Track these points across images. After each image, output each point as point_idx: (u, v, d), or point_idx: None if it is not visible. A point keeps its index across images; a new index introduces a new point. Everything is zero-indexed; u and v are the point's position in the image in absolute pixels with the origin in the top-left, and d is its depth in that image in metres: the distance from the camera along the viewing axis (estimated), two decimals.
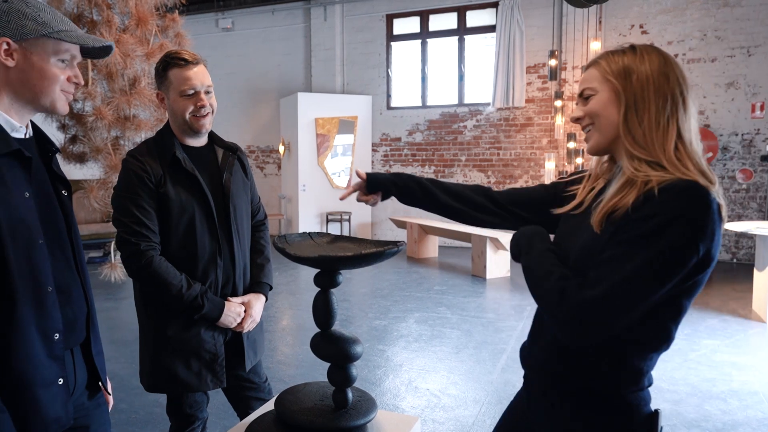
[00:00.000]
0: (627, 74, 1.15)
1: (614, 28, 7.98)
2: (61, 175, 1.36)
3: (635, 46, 1.19)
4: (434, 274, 7.09)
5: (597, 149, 1.22)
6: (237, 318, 1.91)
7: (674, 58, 1.17)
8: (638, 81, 1.14)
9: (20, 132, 1.27)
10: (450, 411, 3.22)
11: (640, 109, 1.13)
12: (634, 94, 1.14)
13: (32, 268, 1.20)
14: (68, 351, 1.34)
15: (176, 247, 1.84)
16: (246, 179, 2.08)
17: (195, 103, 1.85)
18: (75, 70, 1.29)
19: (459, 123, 8.99)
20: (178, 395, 1.94)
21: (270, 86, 10.17)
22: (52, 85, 1.24)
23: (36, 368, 1.21)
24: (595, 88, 1.19)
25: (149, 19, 5.63)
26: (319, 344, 1.29)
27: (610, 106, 1.16)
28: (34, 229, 1.22)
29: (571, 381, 1.18)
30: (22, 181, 1.22)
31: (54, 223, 1.30)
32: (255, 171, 10.48)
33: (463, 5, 8.83)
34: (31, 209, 1.22)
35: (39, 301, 1.21)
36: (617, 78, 1.16)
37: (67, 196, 1.37)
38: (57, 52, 1.23)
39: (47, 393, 1.23)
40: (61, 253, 1.31)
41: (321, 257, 1.17)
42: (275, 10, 9.86)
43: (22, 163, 1.23)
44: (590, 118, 1.21)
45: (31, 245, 1.20)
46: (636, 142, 1.13)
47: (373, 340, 4.49)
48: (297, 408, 1.29)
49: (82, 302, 1.37)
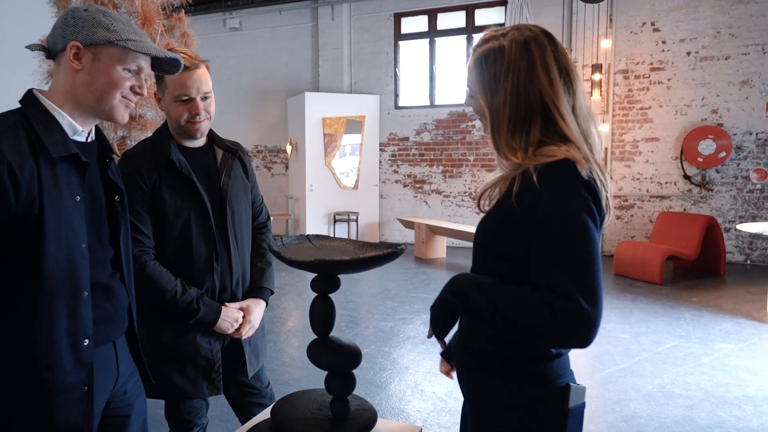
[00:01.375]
0: (492, 92, 1.25)
1: (625, 26, 7.87)
2: (115, 181, 1.39)
3: (505, 33, 1.22)
4: (442, 274, 7.03)
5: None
6: (234, 324, 1.86)
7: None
8: (493, 81, 1.23)
9: (81, 135, 1.31)
10: (456, 415, 3.16)
11: (495, 114, 1.25)
12: (490, 96, 1.25)
13: (72, 272, 1.23)
14: (110, 344, 1.39)
15: (171, 251, 1.80)
16: (247, 181, 2.03)
17: (190, 110, 1.79)
18: (140, 80, 1.31)
19: (467, 122, 8.91)
20: (176, 401, 1.90)
21: (277, 86, 10.15)
22: (113, 90, 1.27)
23: (57, 372, 1.22)
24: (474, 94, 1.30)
25: (155, 19, 5.61)
26: (316, 352, 1.24)
27: (485, 113, 1.29)
28: (80, 233, 1.25)
29: (481, 354, 1.22)
30: (75, 185, 1.25)
31: (98, 228, 1.34)
32: (262, 171, 10.47)
33: (471, 4, 8.76)
34: (81, 213, 1.26)
35: (73, 305, 1.23)
36: (479, 79, 1.27)
37: (119, 202, 1.40)
38: (123, 60, 1.26)
39: (63, 399, 1.23)
40: (102, 255, 1.35)
41: (318, 261, 1.12)
42: (283, 9, 9.83)
43: (78, 168, 1.26)
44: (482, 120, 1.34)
45: (74, 249, 1.23)
46: (500, 150, 1.25)
47: (380, 342, 4.43)
48: (293, 417, 1.24)
49: (123, 296, 1.42)
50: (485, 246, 1.24)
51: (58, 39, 1.26)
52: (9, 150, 1.15)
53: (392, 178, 9.49)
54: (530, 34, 1.18)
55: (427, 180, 9.25)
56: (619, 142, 8.04)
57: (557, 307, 1.02)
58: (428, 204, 9.26)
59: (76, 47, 1.23)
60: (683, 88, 7.66)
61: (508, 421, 1.17)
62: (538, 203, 1.10)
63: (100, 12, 1.25)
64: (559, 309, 1.02)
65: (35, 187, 1.17)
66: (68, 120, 1.27)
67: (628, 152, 8.02)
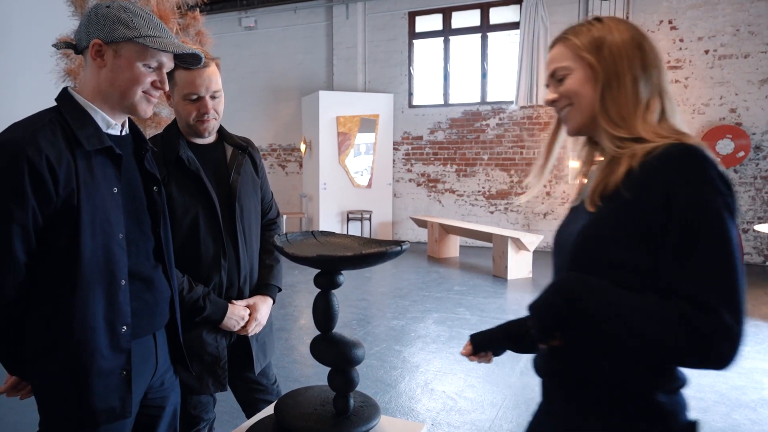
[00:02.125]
0: (599, 48, 1.08)
1: (642, 24, 7.78)
2: (152, 173, 1.44)
3: (601, 18, 1.12)
4: (454, 274, 7.00)
5: (578, 130, 1.15)
6: (240, 321, 1.86)
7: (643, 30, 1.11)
8: (610, 54, 1.07)
9: (115, 129, 1.35)
10: (466, 414, 3.15)
11: (615, 84, 1.07)
12: (607, 68, 1.07)
13: (108, 261, 1.27)
14: (150, 336, 1.42)
15: (179, 248, 1.81)
16: (256, 177, 2.03)
17: (198, 108, 1.80)
18: (162, 75, 1.33)
19: (481, 121, 8.87)
20: (182, 396, 1.91)
21: (292, 84, 10.19)
22: (134, 86, 1.29)
23: (94, 357, 1.25)
24: (568, 66, 1.12)
25: (170, 18, 5.65)
26: (318, 347, 1.24)
27: (587, 84, 1.09)
28: (116, 223, 1.29)
29: (595, 385, 1.06)
30: (112, 177, 1.29)
31: (138, 218, 1.38)
32: (277, 169, 10.52)
33: (486, 2, 8.72)
34: (118, 204, 1.30)
35: (111, 294, 1.27)
36: (590, 52, 1.09)
37: (158, 192, 1.45)
38: (143, 57, 1.28)
39: (102, 383, 1.27)
40: (143, 245, 1.38)
41: (320, 257, 1.12)
42: (297, 8, 9.87)
43: (113, 160, 1.30)
44: (567, 98, 1.13)
45: (111, 239, 1.27)
46: (612, 120, 1.06)
47: (391, 341, 4.43)
48: (296, 413, 1.24)
49: (165, 288, 1.45)
50: (592, 252, 1.04)
51: (83, 36, 1.29)
52: (47, 146, 1.20)
53: (406, 177, 9.48)
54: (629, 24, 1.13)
55: (441, 179, 9.22)
56: None
57: (695, 320, 0.90)
58: (442, 203, 9.24)
59: (98, 45, 1.27)
60: (701, 87, 7.55)
61: None
62: (668, 197, 0.95)
63: (121, 8, 1.28)
64: (698, 323, 0.90)
65: (73, 179, 1.22)
66: (101, 114, 1.31)
67: None
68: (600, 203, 1.04)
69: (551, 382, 1.16)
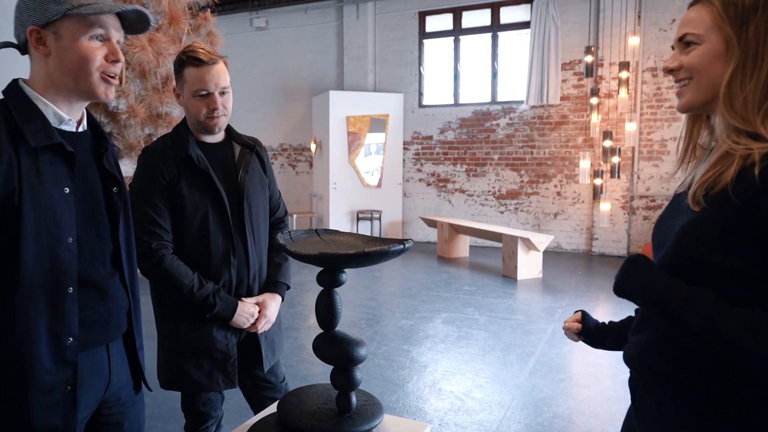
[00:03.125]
0: (745, 23, 0.93)
1: (654, 23, 7.72)
2: (112, 172, 1.32)
3: None
4: (464, 274, 6.99)
5: (690, 107, 1.03)
6: (250, 318, 1.88)
7: None
8: (756, 33, 0.93)
9: (70, 125, 1.25)
10: (474, 415, 3.14)
11: (749, 70, 0.93)
12: (747, 49, 0.93)
13: (54, 266, 1.16)
14: (104, 347, 1.31)
15: (189, 245, 1.83)
16: (264, 176, 2.04)
17: (208, 105, 1.81)
18: (113, 46, 1.21)
19: (492, 121, 8.85)
20: (192, 393, 1.93)
21: (302, 84, 10.22)
22: (87, 65, 1.18)
23: (34, 370, 1.15)
24: (701, 35, 0.98)
25: (182, 18, 5.70)
26: (321, 346, 1.24)
27: (716, 62, 0.96)
28: (66, 226, 1.18)
29: (681, 381, 0.99)
30: (63, 176, 1.19)
31: (94, 221, 1.27)
32: (287, 169, 10.56)
33: (496, 1, 8.69)
34: (69, 206, 1.19)
35: (56, 302, 1.17)
36: (733, 26, 0.94)
37: (117, 193, 1.33)
38: (84, 29, 1.17)
39: (43, 398, 1.17)
40: (98, 251, 1.27)
41: (322, 255, 1.12)
42: (308, 8, 9.90)
43: (65, 158, 1.19)
44: (688, 71, 1.00)
45: (58, 243, 1.17)
46: (733, 109, 0.94)
47: (399, 340, 4.43)
48: (299, 411, 1.24)
49: (121, 297, 1.33)
50: (691, 254, 0.97)
51: (19, 29, 1.20)
52: None
53: (416, 177, 9.48)
54: None
55: (451, 179, 9.21)
56: (647, 141, 7.88)
57: None
58: (452, 203, 9.22)
59: (36, 31, 1.17)
60: None
61: None
62: None
63: None
64: None
65: (14, 178, 1.11)
66: (53, 109, 1.21)
67: (656, 151, 7.86)
68: (704, 204, 0.96)
69: (637, 373, 1.11)
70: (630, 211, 7.99)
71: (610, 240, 8.03)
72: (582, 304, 5.49)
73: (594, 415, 3.14)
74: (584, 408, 3.22)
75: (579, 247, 8.38)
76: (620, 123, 7.64)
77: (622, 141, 7.51)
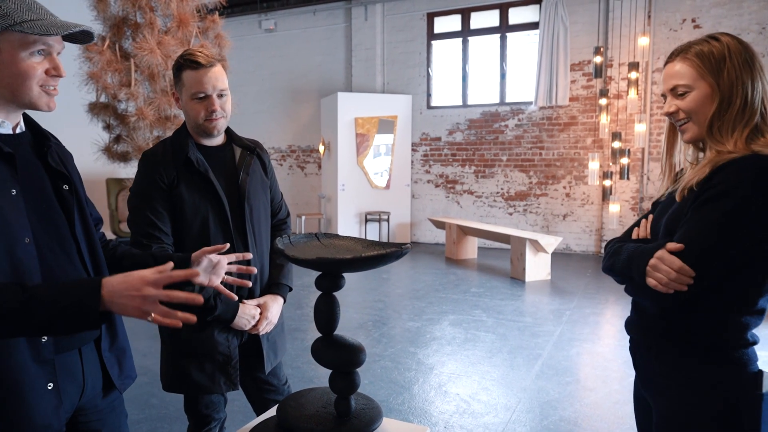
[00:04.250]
0: (719, 70, 1.24)
1: (664, 23, 7.66)
2: (59, 170, 1.30)
3: (717, 37, 1.27)
4: (472, 275, 6.97)
5: (695, 140, 1.33)
6: (251, 320, 1.88)
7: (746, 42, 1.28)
8: (728, 77, 1.23)
9: (5, 128, 1.23)
10: (479, 417, 3.13)
11: (725, 105, 1.24)
12: (724, 90, 1.24)
13: (15, 268, 1.15)
14: (76, 351, 1.29)
15: (190, 248, 1.83)
16: (265, 178, 2.05)
17: (206, 107, 1.82)
18: (54, 61, 1.20)
19: (500, 122, 8.82)
20: (194, 395, 1.93)
21: (311, 86, 10.24)
22: (26, 81, 1.16)
23: (23, 372, 1.15)
24: (690, 85, 1.28)
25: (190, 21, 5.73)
26: (319, 350, 1.24)
27: (706, 103, 1.26)
28: (19, 227, 1.17)
29: (672, 333, 1.30)
30: (7, 179, 1.17)
31: (51, 220, 1.25)
32: (295, 170, 10.58)
33: (505, 2, 8.67)
34: (18, 207, 1.18)
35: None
36: (713, 75, 1.25)
37: (69, 191, 1.31)
38: (25, 45, 1.15)
39: (37, 398, 1.17)
40: (60, 249, 1.26)
41: (319, 260, 1.12)
42: (317, 10, 9.92)
43: (5, 160, 1.18)
44: (686, 113, 1.30)
45: (15, 244, 1.15)
46: (713, 135, 1.26)
47: (406, 342, 4.42)
48: (298, 414, 1.25)
49: None
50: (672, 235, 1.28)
51: None
52: None
53: (424, 178, 9.47)
54: (741, 42, 1.28)
55: (459, 180, 9.19)
56: (656, 142, 7.82)
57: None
58: (460, 204, 9.20)
59: None
60: None
61: (704, 398, 1.26)
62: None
63: None
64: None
65: None
66: None
67: None
68: (685, 194, 1.28)
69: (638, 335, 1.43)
70: (640, 213, 7.93)
71: None
72: (590, 306, 5.46)
73: (601, 418, 3.12)
74: (591, 411, 3.20)
75: (588, 249, 8.33)
76: (630, 124, 7.59)
77: (632, 142, 7.46)
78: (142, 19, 5.65)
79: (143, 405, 3.27)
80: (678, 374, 1.30)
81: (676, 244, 1.21)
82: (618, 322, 5.03)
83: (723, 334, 1.25)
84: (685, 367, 1.29)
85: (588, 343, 4.41)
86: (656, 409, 1.38)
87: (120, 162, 6.03)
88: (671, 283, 1.20)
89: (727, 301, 1.24)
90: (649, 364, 1.39)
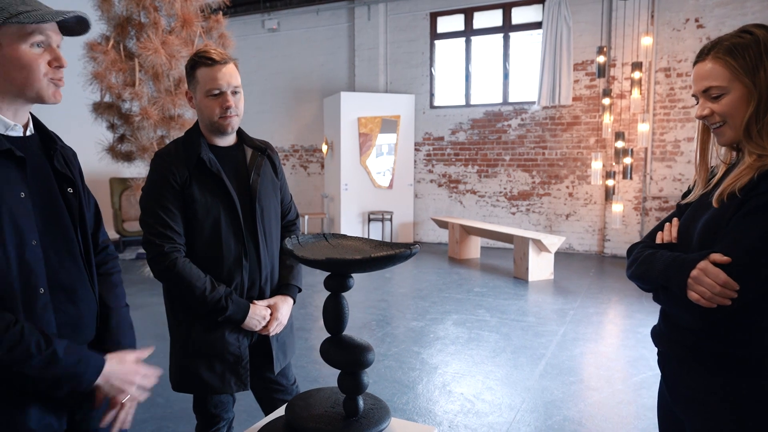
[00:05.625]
0: (756, 70, 1.16)
1: (667, 23, 7.65)
2: (65, 173, 1.32)
3: (750, 30, 1.18)
4: (475, 275, 6.98)
5: (731, 143, 1.27)
6: (262, 321, 1.89)
7: None
8: (765, 77, 1.16)
9: (17, 130, 1.24)
10: (483, 417, 3.14)
11: (763, 107, 1.17)
12: (762, 91, 1.16)
13: (23, 269, 1.17)
14: None
15: (202, 248, 1.84)
16: (276, 179, 2.05)
17: (221, 104, 1.83)
18: (55, 52, 1.21)
19: (503, 122, 8.82)
20: (203, 395, 1.94)
21: (314, 86, 10.26)
22: (32, 73, 1.18)
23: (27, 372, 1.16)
24: (725, 86, 1.20)
25: (194, 21, 5.75)
26: (328, 350, 1.25)
27: (742, 106, 1.19)
28: (27, 229, 1.19)
29: (706, 346, 1.24)
30: (17, 181, 1.19)
31: (57, 222, 1.27)
32: (298, 170, 10.60)
33: (508, 2, 8.66)
34: (27, 209, 1.20)
35: (28, 304, 1.18)
36: (748, 75, 1.17)
37: (73, 194, 1.33)
38: (25, 36, 1.16)
39: (36, 400, 1.18)
40: (65, 251, 1.28)
41: (329, 260, 1.13)
42: (320, 10, 9.93)
43: (16, 163, 1.20)
44: (721, 116, 1.23)
45: (23, 246, 1.17)
46: (751, 138, 1.19)
47: (409, 342, 4.43)
48: (306, 414, 1.25)
49: (90, 300, 1.33)
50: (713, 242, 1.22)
51: None
52: None
53: (427, 178, 9.47)
54: None
55: (462, 180, 9.19)
56: (659, 142, 7.82)
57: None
58: (463, 204, 9.21)
59: None
60: None
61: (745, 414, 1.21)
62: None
63: None
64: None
65: None
66: None
67: (669, 152, 7.80)
68: (723, 201, 1.21)
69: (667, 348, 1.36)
70: (643, 213, 7.93)
71: (623, 241, 7.97)
72: (594, 306, 5.46)
73: (605, 418, 3.12)
74: (595, 411, 3.21)
75: (591, 249, 8.33)
76: (633, 124, 7.59)
77: (635, 142, 7.46)
78: (146, 19, 5.67)
79: (148, 404, 3.28)
80: (715, 389, 1.23)
81: (723, 256, 1.13)
82: (621, 322, 5.04)
83: (761, 346, 1.18)
84: (722, 382, 1.22)
85: (591, 342, 4.41)
86: (692, 428, 1.31)
87: (124, 161, 6.06)
88: (715, 297, 1.12)
89: (766, 312, 1.18)
90: (682, 379, 1.32)
